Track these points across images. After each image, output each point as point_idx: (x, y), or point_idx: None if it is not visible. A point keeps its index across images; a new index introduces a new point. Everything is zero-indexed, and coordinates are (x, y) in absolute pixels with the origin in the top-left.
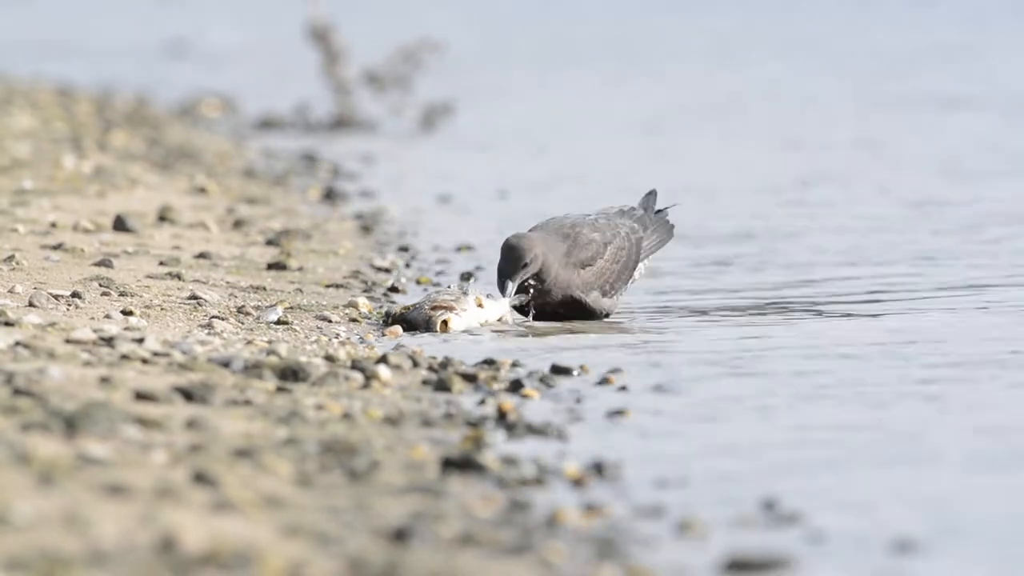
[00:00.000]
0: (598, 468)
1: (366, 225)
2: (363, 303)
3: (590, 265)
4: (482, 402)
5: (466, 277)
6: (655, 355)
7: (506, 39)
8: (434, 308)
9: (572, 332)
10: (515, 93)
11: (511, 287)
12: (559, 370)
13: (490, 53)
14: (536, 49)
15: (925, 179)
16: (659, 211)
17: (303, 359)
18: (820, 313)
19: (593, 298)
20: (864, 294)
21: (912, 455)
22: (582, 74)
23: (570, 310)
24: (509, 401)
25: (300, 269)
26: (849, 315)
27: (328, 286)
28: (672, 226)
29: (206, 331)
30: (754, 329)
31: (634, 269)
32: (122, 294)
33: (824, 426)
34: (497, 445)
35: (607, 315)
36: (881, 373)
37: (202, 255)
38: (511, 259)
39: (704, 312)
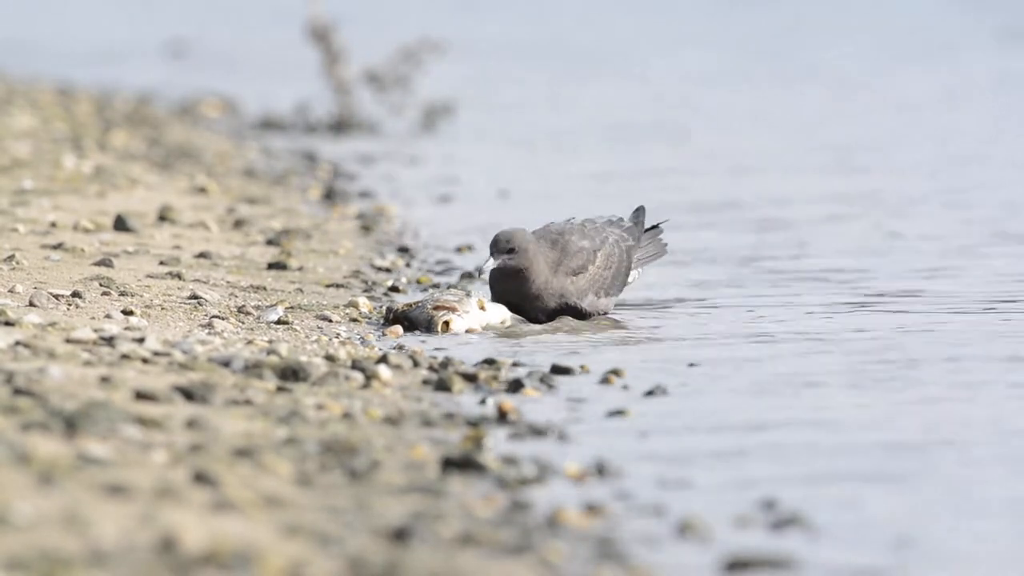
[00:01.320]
0: (598, 468)
1: (366, 225)
2: (363, 303)
3: (582, 272)
4: (482, 402)
5: (467, 277)
6: (655, 355)
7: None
8: (436, 308)
9: (572, 332)
10: (516, 94)
11: (491, 263)
12: (559, 370)
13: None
14: (537, 49)
15: None
16: (653, 227)
17: (303, 359)
18: (822, 309)
19: (588, 302)
20: (867, 287)
21: (913, 454)
22: (586, 74)
23: (566, 315)
24: (509, 401)
25: (300, 269)
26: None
27: (328, 286)
28: (665, 244)
29: (206, 331)
30: (754, 328)
31: (627, 275)
32: (122, 294)
33: (825, 425)
34: (497, 445)
35: (604, 314)
36: (882, 373)
37: (202, 255)
38: (497, 242)
39: (704, 311)
